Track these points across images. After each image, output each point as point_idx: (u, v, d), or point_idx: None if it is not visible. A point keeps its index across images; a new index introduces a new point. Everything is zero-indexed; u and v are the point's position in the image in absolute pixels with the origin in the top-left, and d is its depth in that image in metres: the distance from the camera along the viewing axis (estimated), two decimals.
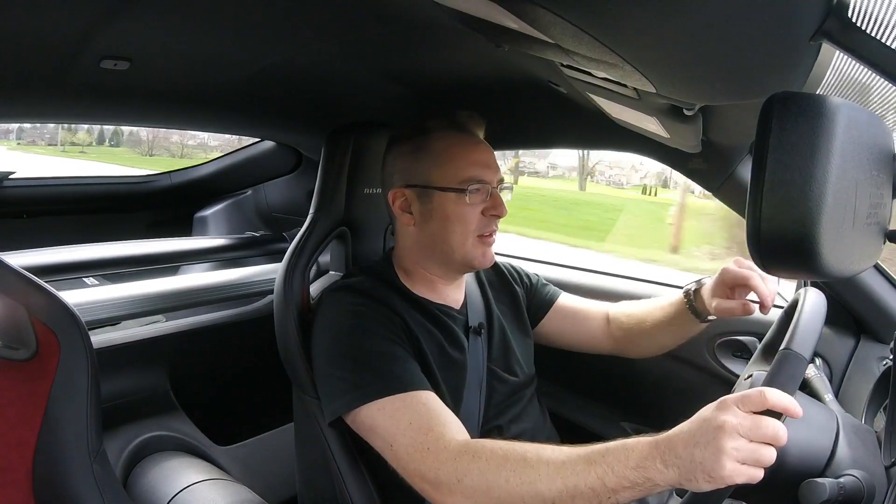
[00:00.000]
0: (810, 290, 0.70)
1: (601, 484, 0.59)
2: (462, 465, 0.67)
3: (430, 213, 0.87)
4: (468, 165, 0.86)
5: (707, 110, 0.68)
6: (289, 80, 1.05)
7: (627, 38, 0.40)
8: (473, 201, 0.86)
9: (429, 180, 0.87)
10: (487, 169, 0.87)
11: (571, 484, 0.61)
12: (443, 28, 0.76)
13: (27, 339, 0.69)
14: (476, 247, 0.88)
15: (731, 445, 0.53)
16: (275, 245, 1.64)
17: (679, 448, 0.56)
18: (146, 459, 1.17)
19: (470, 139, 0.89)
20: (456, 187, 0.85)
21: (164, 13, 0.73)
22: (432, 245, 0.89)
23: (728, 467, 0.53)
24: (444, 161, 0.86)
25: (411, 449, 0.72)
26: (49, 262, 1.22)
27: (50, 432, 0.69)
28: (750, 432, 0.54)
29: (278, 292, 0.97)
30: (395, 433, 0.74)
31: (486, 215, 0.87)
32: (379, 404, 0.75)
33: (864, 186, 0.39)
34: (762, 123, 0.37)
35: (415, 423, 0.73)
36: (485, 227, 0.87)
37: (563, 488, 0.61)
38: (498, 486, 0.64)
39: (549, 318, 1.06)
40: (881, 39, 0.36)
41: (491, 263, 0.91)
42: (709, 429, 0.55)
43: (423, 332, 0.86)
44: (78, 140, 7.43)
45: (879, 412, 0.73)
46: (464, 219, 0.86)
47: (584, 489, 0.60)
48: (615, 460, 0.59)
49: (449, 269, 0.91)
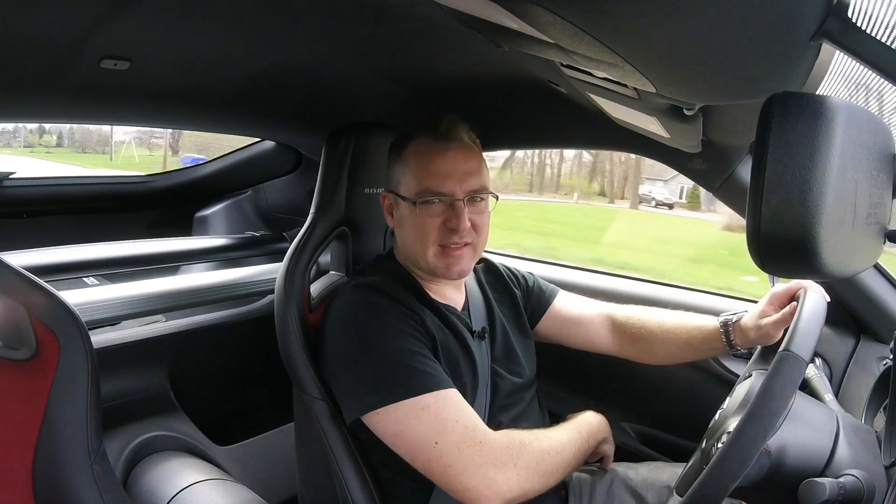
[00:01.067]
0: (810, 291, 0.70)
1: (587, 445, 0.87)
2: (513, 450, 0.76)
3: (399, 220, 0.91)
4: (425, 176, 0.85)
5: (707, 110, 0.68)
6: (289, 80, 1.05)
7: (627, 38, 0.40)
8: (429, 213, 0.85)
9: (397, 188, 0.89)
10: (448, 180, 0.85)
11: (571, 453, 0.82)
12: (443, 28, 0.76)
13: (27, 339, 0.69)
14: (439, 258, 0.87)
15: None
16: (275, 245, 1.64)
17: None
18: (146, 459, 1.17)
19: (438, 147, 0.86)
20: (411, 198, 0.86)
21: (164, 13, 0.73)
22: (405, 248, 0.92)
23: None
24: (408, 170, 0.88)
25: (462, 444, 0.74)
26: (49, 262, 1.21)
27: (50, 432, 0.69)
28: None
29: (279, 292, 0.97)
30: (442, 430, 0.75)
31: (446, 227, 0.86)
32: (422, 402, 0.76)
33: (864, 186, 0.39)
34: (762, 123, 0.37)
35: (461, 419, 0.76)
36: (446, 239, 0.86)
37: (573, 457, 0.82)
38: (546, 461, 0.78)
39: (546, 318, 1.06)
40: (881, 39, 0.36)
41: (458, 276, 0.90)
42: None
43: (439, 332, 0.86)
44: (44, 142, 8.60)
45: (879, 412, 0.73)
46: (420, 229, 0.87)
47: (579, 455, 0.84)
48: (582, 429, 0.88)
49: (425, 272, 0.92)
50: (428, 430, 0.75)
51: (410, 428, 0.76)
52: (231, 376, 1.47)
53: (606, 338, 1.04)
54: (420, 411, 0.76)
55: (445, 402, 0.77)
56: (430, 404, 0.76)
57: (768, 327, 0.85)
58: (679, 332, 0.97)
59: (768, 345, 0.85)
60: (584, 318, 1.06)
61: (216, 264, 1.58)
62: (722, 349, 0.93)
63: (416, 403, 0.76)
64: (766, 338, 0.85)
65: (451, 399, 0.78)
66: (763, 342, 0.86)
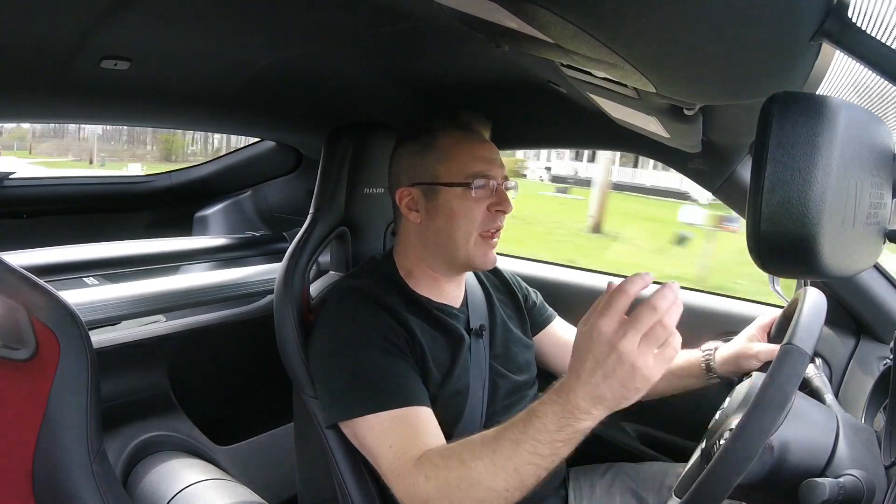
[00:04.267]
0: (810, 290, 0.70)
1: (537, 455, 0.60)
2: (422, 488, 0.68)
3: (436, 209, 0.88)
4: (473, 161, 0.87)
5: (707, 110, 0.68)
6: (289, 80, 1.05)
7: (627, 38, 0.40)
8: (478, 196, 0.86)
9: (435, 177, 0.88)
10: (492, 165, 0.88)
11: (511, 468, 0.62)
12: (443, 28, 0.76)
13: (27, 339, 0.69)
14: (479, 246, 0.88)
15: (635, 354, 0.54)
16: (275, 245, 1.64)
17: (591, 390, 0.57)
18: (146, 459, 1.17)
19: (474, 137, 0.91)
20: (461, 182, 0.86)
21: (164, 13, 0.73)
22: (437, 241, 0.90)
23: (648, 373, 0.54)
24: (449, 157, 0.87)
25: (389, 473, 0.74)
26: (49, 262, 1.21)
27: (50, 432, 0.69)
28: (637, 329, 0.54)
29: (278, 292, 0.97)
30: (378, 454, 0.76)
31: (490, 211, 0.88)
32: (369, 422, 0.77)
33: (864, 186, 0.39)
34: (762, 123, 0.37)
35: (395, 445, 0.74)
36: (489, 223, 0.88)
37: (507, 475, 0.62)
38: (455, 497, 0.66)
39: (542, 335, 1.07)
40: (881, 39, 0.36)
41: (492, 265, 0.91)
42: (604, 358, 0.55)
43: (427, 337, 0.86)
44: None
45: (879, 412, 0.73)
46: (469, 214, 0.87)
47: (525, 466, 0.61)
48: (536, 432, 0.60)
49: (451, 266, 0.91)
50: (371, 451, 0.77)
51: (363, 446, 0.79)
52: (231, 376, 1.47)
53: None
54: (367, 431, 0.77)
55: (391, 422, 0.76)
56: (375, 425, 0.76)
57: (758, 352, 0.86)
58: None
59: (752, 369, 0.86)
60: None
61: (216, 264, 1.58)
62: (700, 375, 0.94)
63: (364, 423, 0.77)
64: (752, 360, 0.87)
65: (399, 420, 0.76)
66: (748, 365, 0.87)
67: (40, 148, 10.51)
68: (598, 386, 0.56)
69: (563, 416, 0.59)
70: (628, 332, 0.55)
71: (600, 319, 0.56)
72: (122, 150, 10.98)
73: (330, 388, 0.83)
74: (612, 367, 0.55)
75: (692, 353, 0.95)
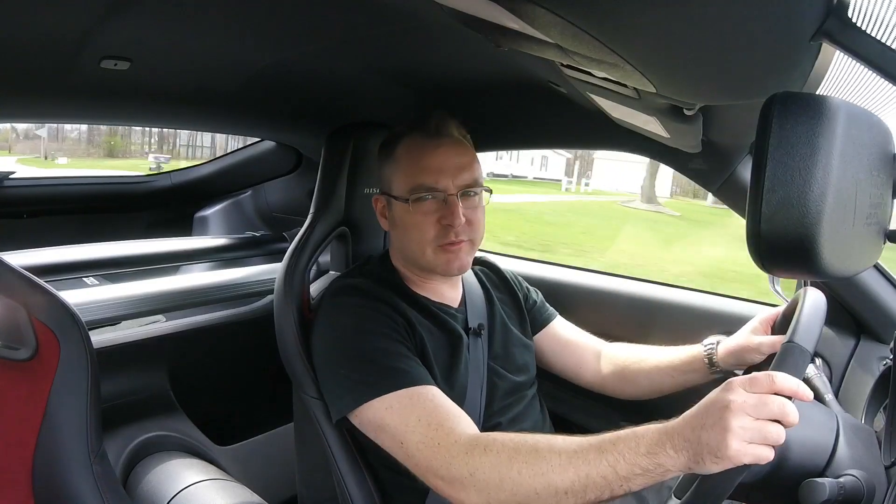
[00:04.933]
0: (810, 290, 0.70)
1: (613, 472, 0.59)
2: (473, 460, 0.66)
3: (394, 220, 0.90)
4: (417, 173, 0.85)
5: (707, 110, 0.68)
6: (289, 80, 1.05)
7: (627, 38, 0.40)
8: (423, 210, 0.85)
9: (389, 188, 0.89)
10: (440, 175, 0.84)
11: (583, 473, 0.60)
12: (443, 28, 0.76)
13: (27, 339, 0.69)
14: (437, 255, 0.86)
15: (737, 424, 0.53)
16: (275, 245, 1.64)
17: (687, 432, 0.57)
18: (146, 459, 1.17)
19: (429, 143, 0.86)
20: (404, 196, 0.85)
21: (165, 13, 0.73)
22: (402, 250, 0.91)
23: (734, 447, 0.53)
24: (398, 169, 0.87)
25: (422, 445, 0.71)
26: (49, 262, 1.21)
27: (50, 432, 0.69)
28: (755, 410, 0.54)
29: (278, 292, 0.97)
30: (404, 430, 0.73)
31: (442, 224, 0.85)
32: (387, 401, 0.75)
33: (864, 186, 0.39)
34: (762, 123, 0.37)
35: (424, 418, 0.72)
36: (442, 237, 0.85)
37: (576, 478, 0.61)
38: (510, 478, 0.64)
39: (542, 335, 1.07)
40: (881, 39, 0.36)
41: (462, 272, 0.89)
42: (715, 410, 0.55)
43: (426, 332, 0.86)
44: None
45: (879, 412, 0.73)
46: (417, 228, 0.85)
47: (595, 478, 0.60)
48: (626, 448, 0.59)
49: (425, 270, 0.91)
50: (394, 431, 0.74)
51: (381, 429, 0.76)
52: (231, 376, 1.47)
53: (593, 367, 1.03)
54: (385, 411, 0.75)
55: (411, 400, 0.74)
56: (393, 404, 0.74)
57: (761, 343, 0.85)
58: (666, 359, 0.96)
59: (755, 363, 0.85)
60: (578, 344, 1.05)
61: (216, 264, 1.58)
62: (702, 370, 0.92)
63: (382, 403, 0.75)
64: (755, 353, 0.85)
65: (419, 397, 0.75)
66: (752, 359, 0.86)
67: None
68: (698, 430, 0.56)
69: (658, 443, 0.58)
70: (745, 413, 0.54)
71: (734, 391, 0.55)
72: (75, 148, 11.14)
73: (337, 380, 0.81)
74: (712, 423, 0.55)
75: (694, 347, 0.94)
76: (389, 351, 0.79)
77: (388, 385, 0.75)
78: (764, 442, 0.54)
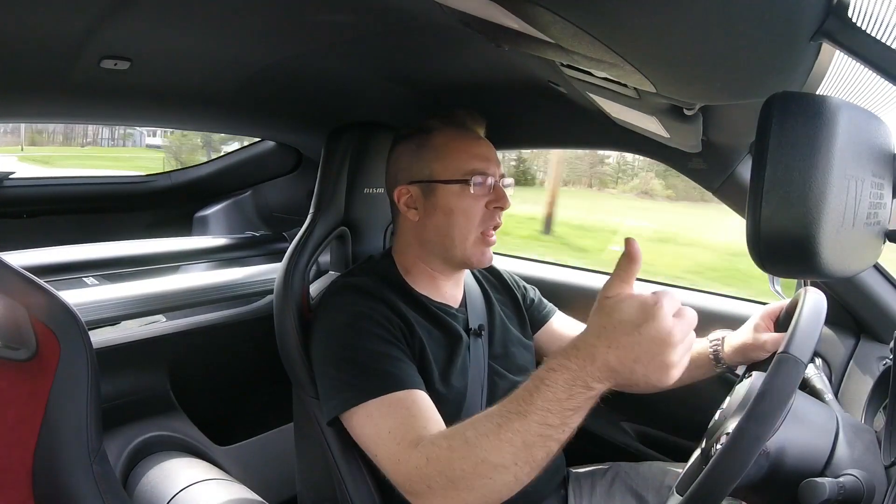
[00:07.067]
0: (810, 291, 0.70)
1: (545, 426, 0.57)
2: (423, 471, 0.65)
3: (434, 206, 0.88)
4: (470, 158, 0.87)
5: (707, 110, 0.68)
6: (289, 80, 1.05)
7: (627, 38, 0.40)
8: (477, 193, 0.86)
9: (432, 174, 0.88)
10: (489, 162, 0.88)
11: (519, 442, 0.58)
12: (443, 28, 0.76)
13: (27, 339, 0.69)
14: (477, 245, 0.88)
15: (676, 358, 0.54)
16: (275, 245, 1.64)
17: (613, 361, 0.54)
18: (146, 459, 1.17)
19: (470, 135, 0.91)
20: (459, 179, 0.86)
21: (164, 13, 0.73)
22: (435, 239, 0.90)
23: (674, 376, 0.54)
24: (445, 155, 0.88)
25: (387, 461, 0.71)
26: (49, 262, 1.22)
27: (50, 432, 0.69)
28: (683, 335, 0.54)
29: (278, 292, 0.97)
30: (377, 443, 0.73)
31: (489, 208, 0.87)
32: (368, 409, 0.74)
33: (864, 186, 0.39)
34: (762, 123, 0.37)
35: (394, 431, 0.72)
36: (488, 221, 0.88)
37: (513, 449, 0.58)
38: (458, 478, 0.62)
39: (542, 332, 1.07)
40: (881, 39, 0.36)
41: (489, 264, 0.91)
42: (649, 343, 0.53)
43: (425, 333, 0.86)
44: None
45: (879, 412, 0.73)
46: (467, 211, 0.87)
47: (533, 438, 0.58)
48: (545, 402, 0.57)
49: (448, 264, 0.91)
50: (368, 442, 0.74)
51: (359, 438, 0.76)
52: (231, 376, 1.47)
53: None
54: (366, 420, 0.75)
55: (389, 408, 0.73)
56: (373, 412, 0.74)
57: (766, 341, 0.85)
58: None
59: (760, 360, 0.85)
60: None
61: (216, 264, 1.58)
62: (708, 365, 0.93)
63: (364, 410, 0.75)
64: (760, 351, 0.85)
65: (398, 404, 0.73)
66: (756, 356, 0.86)
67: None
68: (630, 362, 0.54)
69: (573, 382, 0.56)
70: (681, 333, 0.54)
71: (667, 300, 0.54)
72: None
73: (327, 381, 0.82)
74: (648, 358, 0.53)
75: (699, 342, 0.94)
76: (379, 353, 0.78)
77: (371, 390, 0.75)
78: (687, 351, 0.55)
